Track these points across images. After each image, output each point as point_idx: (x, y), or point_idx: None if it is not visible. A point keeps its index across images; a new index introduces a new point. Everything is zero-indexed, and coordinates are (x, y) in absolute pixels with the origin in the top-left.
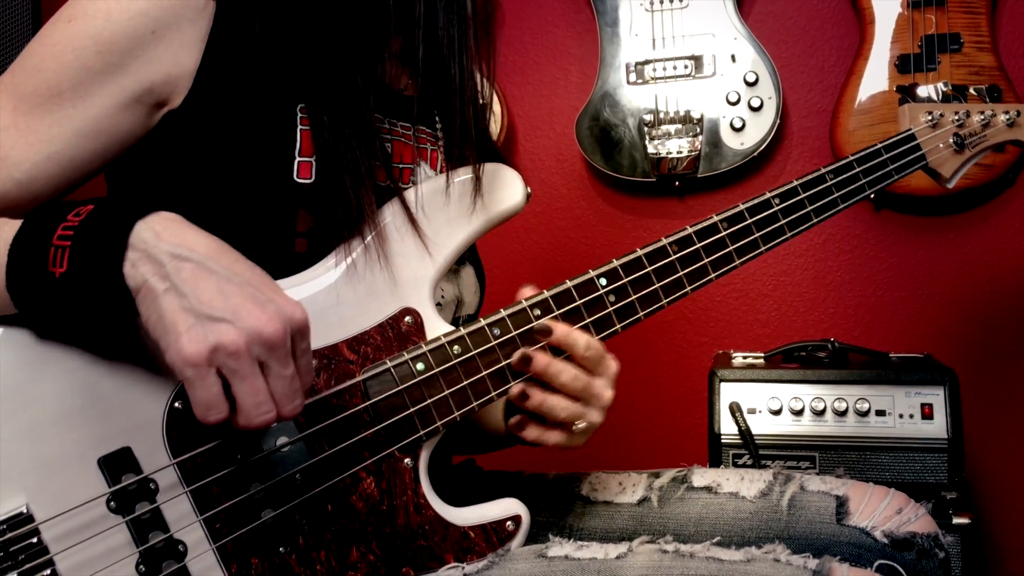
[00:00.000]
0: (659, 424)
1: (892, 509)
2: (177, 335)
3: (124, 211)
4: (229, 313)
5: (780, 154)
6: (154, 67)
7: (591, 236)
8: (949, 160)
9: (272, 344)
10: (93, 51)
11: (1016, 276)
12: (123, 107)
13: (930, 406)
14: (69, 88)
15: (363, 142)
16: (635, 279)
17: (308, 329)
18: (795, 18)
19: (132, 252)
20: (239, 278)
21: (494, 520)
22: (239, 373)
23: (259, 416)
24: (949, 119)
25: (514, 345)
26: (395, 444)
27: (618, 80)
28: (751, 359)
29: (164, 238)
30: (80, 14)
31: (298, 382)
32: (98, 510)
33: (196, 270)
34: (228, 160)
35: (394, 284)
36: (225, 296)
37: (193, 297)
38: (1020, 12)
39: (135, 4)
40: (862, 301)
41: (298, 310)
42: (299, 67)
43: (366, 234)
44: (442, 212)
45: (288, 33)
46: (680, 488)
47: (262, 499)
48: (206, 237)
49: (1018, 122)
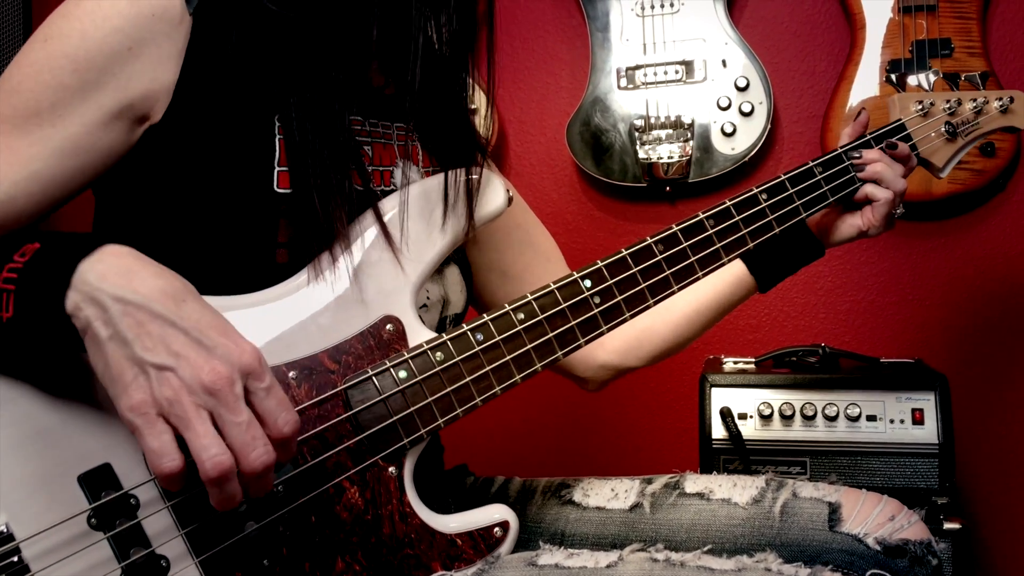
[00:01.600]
0: (650, 429)
1: (885, 516)
2: (124, 385)
3: (68, 250)
4: (172, 360)
5: (771, 159)
6: (132, 83)
7: (582, 241)
8: (941, 149)
9: (215, 391)
10: (69, 70)
11: (1007, 281)
12: (102, 124)
13: (921, 411)
14: (48, 107)
15: (335, 154)
16: (620, 280)
17: (261, 370)
18: (786, 23)
19: (74, 293)
20: (185, 322)
21: (482, 527)
22: (183, 420)
23: (210, 460)
24: (940, 107)
25: (498, 350)
26: (379, 453)
27: (609, 85)
28: (742, 364)
29: (108, 279)
30: (56, 34)
31: (257, 429)
32: (79, 527)
33: (140, 314)
34: (209, 172)
35: (374, 292)
36: (168, 343)
37: (137, 344)
38: (1011, 17)
39: (110, 22)
40: (853, 306)
41: (246, 354)
42: (274, 77)
43: (342, 244)
44: (422, 217)
45: (263, 43)
46: (672, 494)
47: (245, 511)
48: (155, 276)
49: (1012, 108)
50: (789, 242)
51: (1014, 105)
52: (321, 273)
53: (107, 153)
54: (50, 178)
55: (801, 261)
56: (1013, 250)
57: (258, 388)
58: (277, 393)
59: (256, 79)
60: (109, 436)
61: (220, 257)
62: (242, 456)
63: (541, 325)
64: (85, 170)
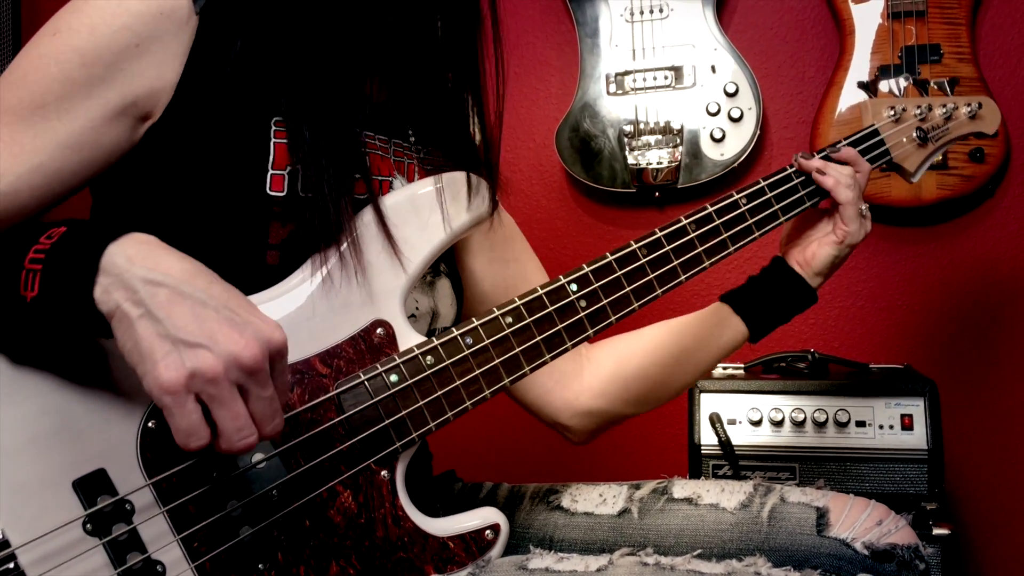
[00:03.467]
0: (639, 435)
1: (872, 520)
2: (154, 363)
3: (96, 234)
4: (206, 338)
5: (760, 164)
6: (137, 80)
7: (572, 247)
8: (913, 155)
9: (251, 368)
10: (77, 64)
11: (997, 287)
12: (107, 120)
13: (910, 417)
14: (53, 101)
15: (345, 155)
16: (606, 283)
17: (286, 349)
18: (775, 29)
19: (104, 277)
20: (215, 301)
21: (473, 529)
22: (218, 399)
23: (241, 440)
24: (912, 113)
25: (487, 353)
26: (371, 457)
27: (598, 91)
28: (731, 370)
29: (137, 262)
30: (65, 28)
31: (277, 402)
32: (74, 533)
33: (171, 295)
34: (203, 173)
35: (365, 296)
36: (201, 320)
37: (168, 323)
38: (1000, 23)
39: (119, 18)
40: (842, 312)
41: (276, 331)
42: (280, 80)
43: (340, 245)
44: (411, 222)
45: (270, 47)
46: (661, 499)
47: (240, 516)
48: (180, 260)
49: (980, 114)
50: (781, 291)
51: (982, 111)
52: (313, 276)
53: (110, 150)
54: (54, 172)
55: (794, 309)
56: (1002, 256)
57: (281, 365)
58: (288, 371)
59: (257, 82)
60: (104, 441)
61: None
62: (262, 426)
63: (529, 329)
64: (88, 166)
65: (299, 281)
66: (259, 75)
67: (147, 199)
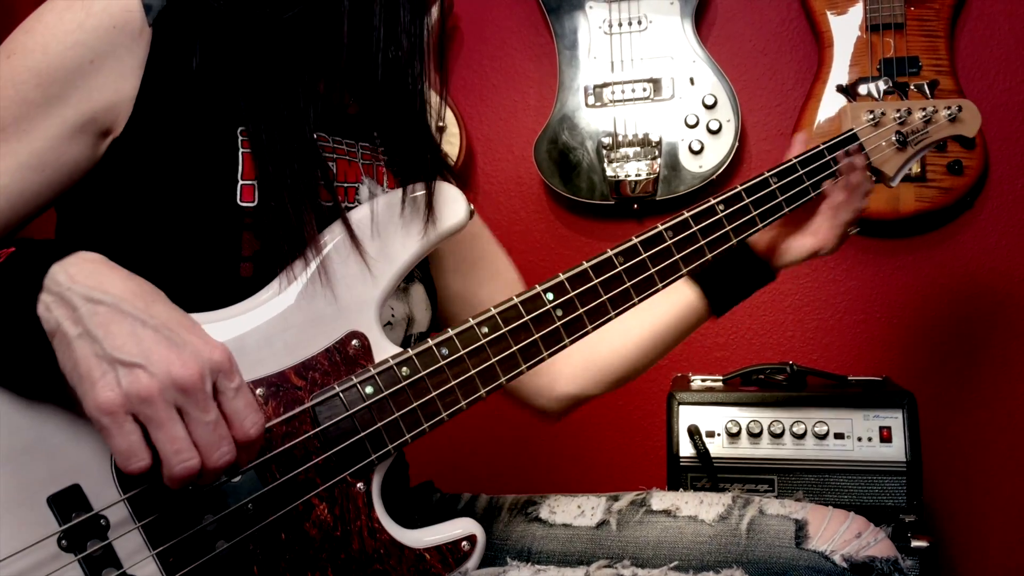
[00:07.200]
0: (617, 447)
1: (851, 533)
2: (92, 383)
3: (42, 252)
4: (142, 358)
5: (739, 176)
6: (95, 96)
7: (550, 259)
8: (892, 158)
9: (187, 388)
10: (33, 84)
11: (975, 299)
12: (67, 138)
13: (889, 429)
14: (12, 122)
15: (303, 162)
16: (582, 292)
17: (232, 369)
18: (754, 41)
19: (46, 295)
20: (155, 320)
21: (449, 541)
22: (155, 420)
23: (180, 465)
24: (891, 117)
25: (463, 364)
26: (347, 469)
27: (577, 103)
28: (709, 382)
29: (79, 280)
30: (19, 49)
31: (224, 428)
32: (50, 549)
33: (110, 313)
34: (171, 186)
35: (339, 307)
36: (138, 340)
37: (106, 342)
38: (979, 36)
39: (71, 35)
40: (820, 324)
41: (216, 351)
42: (238, 89)
43: (309, 257)
44: (385, 232)
45: (226, 55)
46: (639, 511)
47: (215, 530)
48: (124, 279)
49: (960, 117)
50: (738, 267)
51: (962, 114)
52: (287, 288)
53: (72, 167)
54: (17, 193)
55: (753, 285)
56: (981, 268)
57: (228, 387)
58: (246, 394)
59: (219, 91)
60: (77, 456)
61: (184, 271)
62: (206, 455)
63: (505, 339)
64: (51, 185)
65: (272, 294)
66: (220, 83)
67: (116, 215)
